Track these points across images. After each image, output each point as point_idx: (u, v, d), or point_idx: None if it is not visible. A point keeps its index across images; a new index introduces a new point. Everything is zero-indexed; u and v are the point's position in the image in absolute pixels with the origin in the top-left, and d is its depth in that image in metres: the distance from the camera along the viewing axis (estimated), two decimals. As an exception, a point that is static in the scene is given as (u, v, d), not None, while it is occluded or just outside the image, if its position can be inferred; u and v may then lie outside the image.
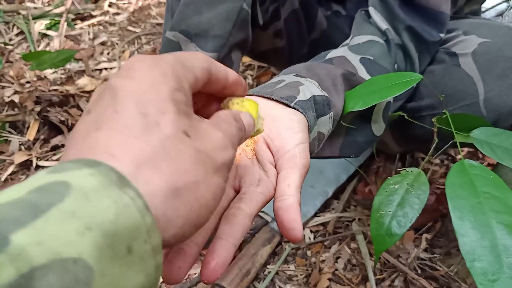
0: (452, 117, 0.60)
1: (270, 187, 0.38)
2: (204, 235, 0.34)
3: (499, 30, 0.65)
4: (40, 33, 1.76)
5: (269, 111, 0.43)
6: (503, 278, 0.37)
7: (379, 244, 0.48)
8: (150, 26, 1.71)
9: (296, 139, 0.40)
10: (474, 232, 0.40)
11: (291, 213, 0.35)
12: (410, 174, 0.52)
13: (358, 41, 0.64)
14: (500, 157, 0.51)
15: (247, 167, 0.39)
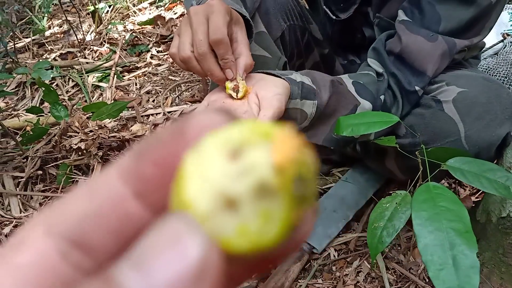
0: (440, 150, 0.75)
1: (252, 116, 0.61)
2: None
3: (475, 81, 0.81)
4: (93, 85, 2.01)
5: (266, 77, 0.66)
6: (447, 267, 0.51)
7: (373, 249, 0.63)
8: (188, 75, 1.94)
9: (275, 92, 0.63)
10: (430, 235, 0.55)
11: None
12: (399, 195, 0.68)
13: (356, 73, 0.83)
14: (470, 180, 0.66)
15: (240, 104, 0.63)
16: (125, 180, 0.15)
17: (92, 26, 2.48)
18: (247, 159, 0.12)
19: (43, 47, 2.40)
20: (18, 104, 1.93)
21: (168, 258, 0.12)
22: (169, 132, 0.15)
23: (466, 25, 0.79)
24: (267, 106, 0.60)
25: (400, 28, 0.82)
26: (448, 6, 0.79)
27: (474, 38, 0.82)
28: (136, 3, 2.67)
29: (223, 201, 0.12)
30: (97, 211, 0.15)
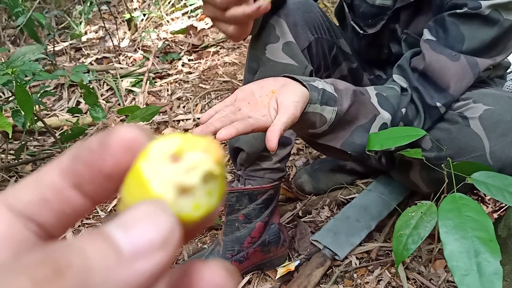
0: (465, 164, 0.79)
1: (269, 120, 0.66)
2: None
3: (501, 99, 0.84)
4: (127, 89, 2.09)
5: (288, 83, 0.72)
6: (472, 273, 0.55)
7: (399, 256, 0.67)
8: (218, 83, 2.00)
9: (293, 99, 0.68)
10: (455, 242, 0.58)
11: (271, 132, 0.63)
12: (424, 205, 0.71)
13: (381, 86, 0.88)
14: (493, 194, 0.69)
15: (259, 107, 0.70)
16: (63, 174, 0.19)
17: (127, 33, 2.58)
18: (189, 160, 0.18)
19: (80, 51, 2.51)
20: (55, 105, 2.03)
21: (147, 226, 0.16)
22: (97, 141, 0.19)
23: (489, 45, 0.83)
24: (283, 111, 0.66)
25: (424, 47, 0.86)
26: (472, 26, 0.83)
27: (497, 57, 0.85)
28: (169, 13, 2.76)
29: (180, 190, 0.18)
30: (42, 197, 0.19)
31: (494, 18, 0.81)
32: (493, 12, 0.81)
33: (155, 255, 0.16)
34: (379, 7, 1.02)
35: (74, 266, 0.15)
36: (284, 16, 0.99)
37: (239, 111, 0.68)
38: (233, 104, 0.70)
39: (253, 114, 0.67)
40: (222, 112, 0.67)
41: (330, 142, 0.81)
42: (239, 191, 1.03)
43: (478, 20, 0.82)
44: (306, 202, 1.27)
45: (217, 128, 0.62)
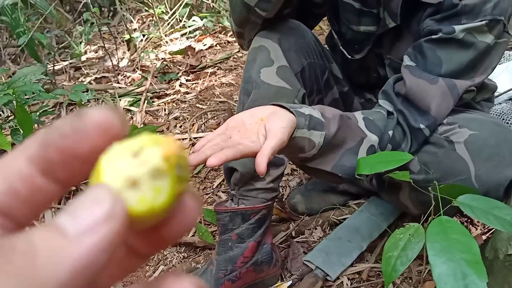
0: (451, 187, 0.81)
1: (258, 146, 0.69)
2: None
3: (485, 124, 0.88)
4: (125, 108, 2.12)
5: (277, 110, 0.76)
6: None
7: (388, 277, 0.69)
8: (215, 104, 2.04)
9: (281, 125, 0.72)
10: (443, 265, 0.60)
11: (260, 157, 0.66)
12: (412, 227, 0.73)
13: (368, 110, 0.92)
14: (478, 216, 0.71)
15: (249, 134, 0.73)
16: (31, 161, 0.18)
17: (126, 53, 2.62)
18: (144, 156, 0.19)
19: (79, 70, 2.54)
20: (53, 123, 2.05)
21: (90, 206, 0.17)
22: (69, 125, 0.18)
23: (466, 67, 0.86)
24: (271, 137, 0.70)
25: (405, 73, 0.90)
26: (448, 50, 0.86)
27: (475, 78, 0.88)
28: (168, 34, 2.81)
29: (128, 183, 0.18)
30: (9, 186, 0.18)
31: (469, 41, 0.84)
32: (467, 36, 0.84)
33: (100, 229, 0.16)
34: (364, 33, 1.06)
35: (18, 249, 0.15)
36: (278, 41, 1.03)
37: (230, 139, 0.71)
38: (224, 132, 0.73)
39: (243, 141, 0.70)
40: (213, 140, 0.70)
41: (320, 166, 0.83)
42: (232, 211, 1.05)
43: (453, 44, 0.85)
44: (299, 222, 1.29)
45: (208, 155, 0.65)
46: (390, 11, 0.98)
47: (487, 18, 0.83)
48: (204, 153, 0.66)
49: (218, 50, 2.63)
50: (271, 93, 1.00)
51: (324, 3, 1.13)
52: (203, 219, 1.30)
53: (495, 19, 0.83)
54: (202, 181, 1.53)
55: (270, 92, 1.00)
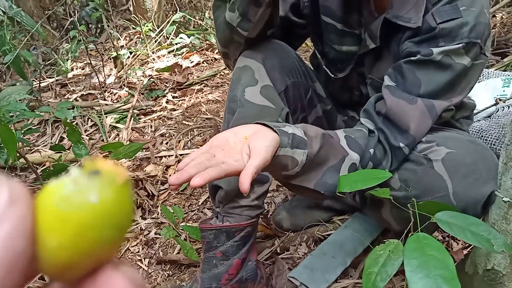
0: (430, 204, 0.83)
1: (242, 164, 0.70)
2: None
3: (462, 143, 0.90)
4: (111, 125, 2.12)
5: (260, 129, 0.77)
6: None
7: (368, 293, 0.70)
8: (201, 120, 2.05)
9: (264, 144, 0.73)
10: (420, 281, 0.62)
11: (244, 176, 0.67)
12: (392, 244, 0.75)
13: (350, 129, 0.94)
14: (455, 232, 0.73)
15: (233, 153, 0.73)
16: None
17: (113, 70, 2.63)
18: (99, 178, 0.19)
19: (66, 87, 2.54)
20: (39, 140, 2.04)
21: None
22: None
23: (444, 87, 0.89)
24: (255, 156, 0.71)
25: (385, 92, 0.92)
26: (427, 71, 0.89)
27: (453, 98, 0.91)
28: (155, 51, 2.83)
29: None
30: None
31: (446, 63, 0.87)
32: (444, 58, 0.87)
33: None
34: (346, 53, 1.09)
35: None
36: (262, 61, 1.05)
37: (214, 158, 0.72)
38: (208, 151, 0.74)
39: (227, 159, 0.71)
40: (197, 159, 0.71)
41: (303, 183, 0.84)
42: (217, 228, 1.05)
43: (431, 66, 0.88)
44: (284, 239, 1.30)
45: (191, 174, 0.65)
46: (370, 33, 1.01)
47: (463, 41, 0.86)
48: (188, 172, 0.67)
49: (205, 67, 2.65)
50: (255, 112, 1.01)
51: (307, 24, 1.16)
52: (188, 236, 1.31)
53: (471, 42, 0.87)
54: (188, 198, 1.53)
55: (254, 111, 1.01)
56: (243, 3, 0.94)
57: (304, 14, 1.12)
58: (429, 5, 0.90)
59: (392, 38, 0.99)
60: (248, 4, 0.93)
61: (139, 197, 1.45)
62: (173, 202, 1.52)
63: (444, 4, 0.88)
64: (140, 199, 1.44)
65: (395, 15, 0.93)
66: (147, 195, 1.49)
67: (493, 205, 0.85)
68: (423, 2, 0.90)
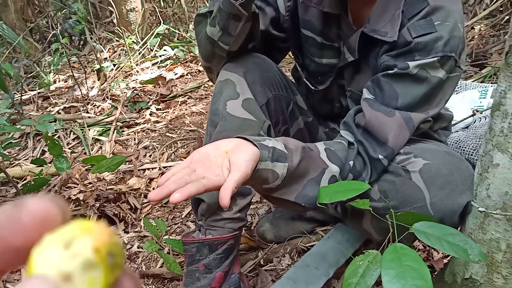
0: (408, 214, 0.84)
1: (222, 179, 0.71)
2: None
3: (438, 154, 0.92)
4: (94, 138, 2.11)
5: (241, 143, 0.77)
6: None
7: (348, 303, 0.71)
8: (185, 132, 2.05)
9: (244, 158, 0.73)
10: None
11: (224, 190, 0.67)
12: (371, 254, 0.76)
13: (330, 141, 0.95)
14: (432, 243, 0.75)
15: (213, 168, 0.74)
16: None
17: (96, 83, 2.62)
18: (75, 247, 0.19)
19: (48, 100, 2.52)
20: (20, 154, 2.02)
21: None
22: (6, 215, 0.18)
23: (421, 100, 0.91)
24: (235, 170, 0.71)
25: (364, 105, 0.94)
26: (404, 84, 0.91)
27: (429, 110, 0.94)
28: (139, 63, 2.83)
29: (62, 276, 0.18)
30: None
31: (422, 76, 0.90)
32: (420, 71, 0.89)
33: None
34: (326, 65, 1.11)
35: None
36: (244, 75, 1.06)
37: (194, 172, 0.72)
38: (189, 166, 0.74)
39: (207, 174, 0.72)
40: (178, 174, 0.71)
41: (284, 196, 0.85)
42: (199, 241, 1.05)
43: (408, 79, 0.90)
44: (268, 251, 1.30)
45: (171, 190, 0.66)
46: (349, 46, 1.03)
47: (438, 55, 0.89)
48: (167, 188, 0.67)
49: (189, 79, 2.66)
50: (237, 125, 1.02)
51: (288, 38, 1.18)
52: (172, 249, 1.30)
53: (446, 56, 0.89)
54: (171, 210, 1.53)
55: (236, 124, 1.02)
56: (223, 18, 0.95)
57: (284, 28, 1.14)
58: (404, 20, 0.92)
59: (370, 52, 1.01)
60: (228, 19, 0.95)
61: (121, 210, 1.44)
62: (156, 215, 1.51)
63: (419, 19, 0.90)
64: (123, 212, 1.43)
65: (372, 29, 0.95)
66: (130, 209, 1.48)
67: (470, 215, 0.87)
68: (399, 16, 0.92)
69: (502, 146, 0.76)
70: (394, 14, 0.93)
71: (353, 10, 1.03)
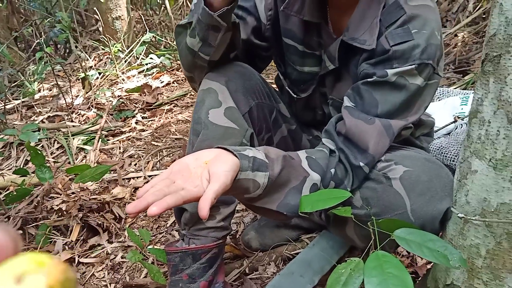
0: (390, 221, 0.85)
1: (202, 190, 0.70)
2: None
3: (418, 161, 0.93)
4: (78, 147, 2.09)
5: (221, 154, 0.76)
6: None
7: (329, 311, 0.71)
8: (170, 141, 2.04)
9: (224, 169, 0.73)
10: (378, 298, 0.63)
11: (203, 201, 0.67)
12: (353, 262, 0.76)
13: (311, 149, 0.95)
14: (413, 249, 0.75)
15: (193, 178, 0.73)
16: None
17: (81, 91, 2.60)
18: (28, 283, 0.18)
19: (32, 109, 2.50)
20: (3, 164, 1.99)
21: None
22: None
23: (400, 107, 0.92)
24: (214, 181, 0.71)
25: (344, 113, 0.95)
26: (383, 92, 0.92)
27: (409, 117, 0.95)
28: (125, 71, 2.82)
29: None
30: None
31: (401, 84, 0.91)
32: (399, 79, 0.90)
33: None
34: (308, 73, 1.12)
35: None
36: (226, 83, 1.06)
37: (173, 184, 0.71)
38: (168, 177, 0.73)
39: (186, 185, 0.71)
40: (157, 186, 0.70)
41: (266, 205, 0.85)
42: (182, 250, 1.04)
43: (387, 86, 0.91)
44: (253, 259, 1.30)
45: (149, 202, 0.65)
46: (329, 55, 1.04)
47: (416, 62, 0.90)
48: (146, 200, 0.66)
49: (175, 87, 2.66)
50: (219, 133, 1.02)
51: (270, 46, 1.18)
52: (156, 259, 1.29)
53: (423, 63, 0.90)
54: (156, 220, 1.52)
55: (218, 133, 1.02)
56: (202, 29, 0.95)
57: (266, 37, 1.15)
58: (382, 28, 0.93)
59: (350, 60, 1.02)
60: (207, 30, 0.95)
61: (105, 220, 1.43)
62: (141, 225, 1.50)
63: (396, 27, 0.91)
64: (107, 222, 1.42)
65: (351, 37, 0.96)
66: (114, 218, 1.47)
67: (450, 221, 0.87)
68: (377, 25, 0.93)
69: (480, 153, 0.77)
70: (372, 23, 0.94)
71: (333, 18, 1.04)
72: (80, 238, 1.41)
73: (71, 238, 1.38)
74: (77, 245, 1.39)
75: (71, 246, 1.39)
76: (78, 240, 1.40)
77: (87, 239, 1.41)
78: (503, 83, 0.71)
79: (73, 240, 1.38)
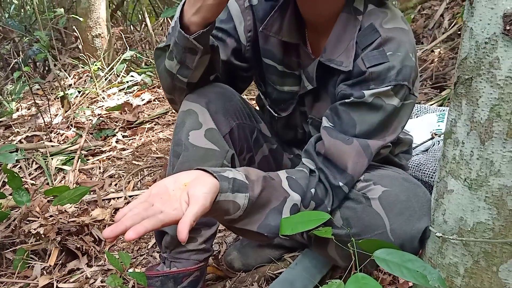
0: (370, 242, 0.85)
1: (180, 213, 0.70)
2: None
3: (396, 181, 0.95)
4: (57, 167, 2.06)
5: (200, 175, 0.77)
6: None
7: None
8: (151, 160, 2.03)
9: (203, 191, 0.73)
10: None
11: (182, 224, 0.67)
12: (334, 284, 0.76)
13: (292, 169, 0.96)
14: (392, 269, 0.76)
15: (172, 201, 0.73)
16: None
17: (60, 110, 2.57)
18: None
19: (10, 129, 2.46)
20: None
21: None
22: None
23: (377, 127, 0.94)
24: (193, 203, 0.71)
25: (323, 134, 0.96)
26: (360, 112, 0.94)
27: (386, 137, 0.96)
28: (105, 89, 2.80)
29: None
30: None
31: (378, 104, 0.92)
32: (376, 99, 0.92)
33: None
34: (288, 92, 1.13)
35: None
36: (206, 105, 1.06)
37: (152, 207, 0.71)
38: (147, 200, 0.73)
39: (165, 208, 0.71)
40: (135, 209, 0.70)
41: (247, 226, 0.85)
42: (163, 274, 1.03)
43: (364, 107, 0.93)
44: (236, 280, 1.28)
45: (127, 227, 0.64)
46: (307, 75, 1.05)
47: (392, 84, 0.91)
48: (123, 224, 0.66)
49: (156, 104, 2.65)
50: (200, 155, 1.02)
51: (250, 67, 1.19)
52: (136, 283, 1.27)
53: (399, 84, 0.92)
54: (137, 241, 1.50)
55: (198, 154, 1.02)
56: (179, 51, 0.95)
57: (246, 58, 1.16)
58: (359, 50, 0.95)
59: (328, 80, 1.03)
60: (184, 52, 0.95)
61: (84, 243, 1.40)
62: (121, 247, 1.48)
63: (372, 50, 0.93)
64: (86, 245, 1.39)
65: (328, 59, 0.98)
66: (94, 241, 1.45)
67: (429, 240, 0.89)
68: (353, 47, 0.95)
69: (455, 172, 0.79)
70: (349, 45, 0.96)
71: (311, 39, 1.06)
72: (59, 262, 1.38)
73: (49, 263, 1.35)
74: (55, 270, 1.36)
75: (49, 271, 1.36)
76: (57, 265, 1.37)
77: (66, 263, 1.38)
78: (475, 105, 0.73)
79: (51, 264, 1.35)
